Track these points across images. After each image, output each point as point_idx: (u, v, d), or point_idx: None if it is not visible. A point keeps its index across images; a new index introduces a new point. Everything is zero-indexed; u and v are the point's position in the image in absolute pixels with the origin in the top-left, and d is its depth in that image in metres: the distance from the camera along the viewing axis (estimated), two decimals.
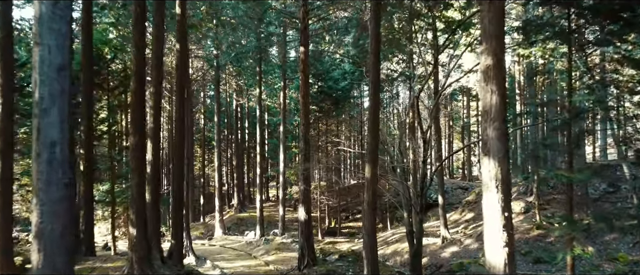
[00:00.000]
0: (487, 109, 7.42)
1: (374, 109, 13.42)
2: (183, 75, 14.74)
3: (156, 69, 11.59)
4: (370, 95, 13.46)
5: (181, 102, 14.80)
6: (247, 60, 31.10)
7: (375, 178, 13.45)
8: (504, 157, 7.35)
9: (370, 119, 13.48)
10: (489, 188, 7.33)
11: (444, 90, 17.95)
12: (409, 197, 18.07)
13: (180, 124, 14.80)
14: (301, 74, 18.50)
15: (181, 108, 14.81)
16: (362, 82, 30.33)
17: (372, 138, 13.42)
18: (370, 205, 13.35)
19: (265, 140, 43.88)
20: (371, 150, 13.38)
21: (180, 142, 14.78)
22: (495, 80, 7.34)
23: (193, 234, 31.12)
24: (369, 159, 13.39)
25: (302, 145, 18.47)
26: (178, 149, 14.71)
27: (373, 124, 13.43)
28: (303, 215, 18.50)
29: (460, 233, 25.10)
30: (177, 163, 14.76)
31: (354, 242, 29.96)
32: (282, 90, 26.50)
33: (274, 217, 36.72)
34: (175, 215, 14.95)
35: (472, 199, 30.21)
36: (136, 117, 10.74)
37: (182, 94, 14.84)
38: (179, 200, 14.88)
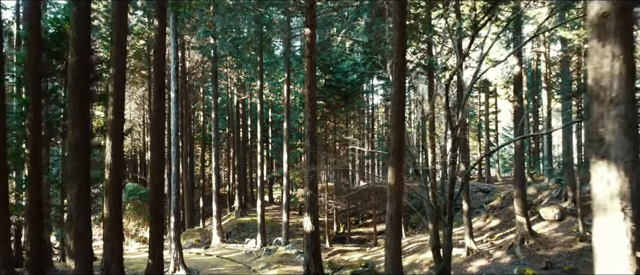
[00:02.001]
0: (602, 85, 4.61)
1: (399, 98, 10.62)
2: (161, 60, 12.01)
3: (118, 47, 8.87)
4: (394, 81, 10.65)
5: (160, 92, 12.07)
6: (248, 52, 28.36)
7: (401, 184, 10.66)
8: (634, 162, 4.56)
9: (394, 110, 10.67)
10: (608, 210, 4.57)
11: (479, 78, 15.05)
12: (435, 205, 15.29)
13: (159, 117, 12.06)
14: (307, 59, 15.73)
15: (160, 99, 12.08)
16: (373, 76, 27.49)
17: (397, 134, 10.63)
18: (394, 220, 10.56)
19: (268, 138, 41.15)
20: (395, 150, 10.59)
21: (158, 140, 12.06)
22: (618, 38, 4.58)
23: (189, 241, 28.45)
24: (393, 160, 10.59)
25: (307, 144, 15.70)
26: (156, 148, 12.00)
27: (397, 117, 10.63)
28: (309, 226, 15.73)
29: (486, 243, 22.23)
30: (156, 164, 12.05)
31: (366, 250, 27.16)
32: (285, 83, 23.73)
33: (277, 221, 34.00)
34: (155, 229, 12.19)
35: (497, 204, 27.29)
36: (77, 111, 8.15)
37: (161, 81, 12.11)
38: (157, 208, 12.13)
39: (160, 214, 12.26)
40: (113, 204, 8.58)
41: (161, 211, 12.29)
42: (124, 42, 9.05)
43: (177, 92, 19.64)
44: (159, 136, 12.14)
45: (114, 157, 8.62)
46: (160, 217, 12.28)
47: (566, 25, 19.20)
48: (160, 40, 11.81)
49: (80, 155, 7.59)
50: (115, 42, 8.76)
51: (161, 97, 12.20)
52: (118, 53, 8.78)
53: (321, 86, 27.80)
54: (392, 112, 10.79)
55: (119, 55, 8.78)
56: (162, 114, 12.20)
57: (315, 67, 16.52)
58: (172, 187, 19.59)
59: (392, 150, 10.72)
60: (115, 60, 8.75)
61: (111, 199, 8.57)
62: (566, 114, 23.16)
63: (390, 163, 10.72)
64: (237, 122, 38.94)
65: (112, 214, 8.56)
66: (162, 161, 12.18)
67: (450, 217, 13.99)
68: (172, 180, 19.65)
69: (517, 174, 19.92)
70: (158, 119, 12.08)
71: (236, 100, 39.10)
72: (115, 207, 8.58)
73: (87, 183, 7.61)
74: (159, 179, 12.14)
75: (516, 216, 20.12)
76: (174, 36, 19.55)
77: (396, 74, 10.63)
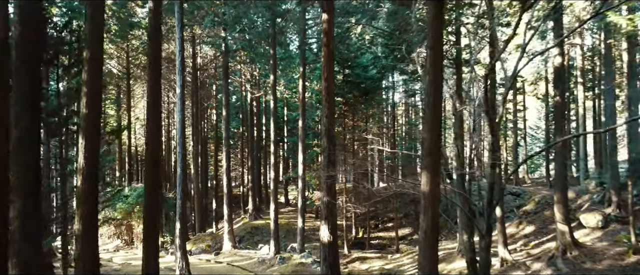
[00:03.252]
0: None
1: (435, 90, 8.79)
2: (156, 44, 10.38)
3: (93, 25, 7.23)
4: (429, 68, 8.83)
5: (155, 81, 10.44)
6: (261, 46, 26.76)
7: (437, 192, 8.85)
8: None
9: (429, 104, 8.85)
10: None
11: (521, 69, 13.05)
12: (471, 214, 13.41)
13: (153, 113, 10.44)
14: (324, 48, 13.98)
15: (155, 89, 10.45)
16: (395, 70, 25.57)
17: (432, 133, 8.82)
18: (430, 235, 8.76)
19: (283, 138, 39.52)
20: (431, 151, 8.79)
21: (152, 139, 10.44)
22: None
23: (199, 246, 26.98)
24: (428, 163, 8.79)
25: (324, 144, 13.95)
26: (151, 148, 10.39)
27: (433, 113, 8.81)
28: (327, 235, 13.98)
29: (521, 252, 20.19)
30: (150, 166, 10.46)
31: (387, 258, 25.31)
32: (301, 78, 22.02)
33: (293, 225, 32.33)
34: (149, 238, 10.58)
35: (531, 208, 25.14)
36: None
37: (156, 69, 10.48)
38: (151, 214, 10.52)
39: (154, 221, 10.67)
40: (87, 218, 6.96)
41: (156, 218, 10.69)
42: (101, 19, 7.46)
43: (183, 87, 18.08)
44: (154, 134, 10.54)
45: (88, 160, 7.02)
46: (154, 225, 10.69)
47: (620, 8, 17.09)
48: (156, 23, 10.18)
49: (26, 150, 5.91)
50: (89, 18, 7.18)
51: (156, 89, 10.59)
52: (93, 32, 7.18)
53: (339, 82, 26.03)
54: (427, 106, 8.97)
55: (94, 34, 7.19)
56: (156, 109, 10.58)
57: (334, 57, 14.77)
58: (178, 191, 18.03)
59: (426, 152, 8.92)
60: (90, 42, 7.16)
61: (84, 212, 6.96)
62: (610, 110, 20.95)
63: (424, 166, 8.91)
64: (251, 120, 37.38)
65: (86, 231, 6.95)
66: (157, 162, 10.57)
67: (488, 227, 12.05)
68: (178, 183, 18.11)
69: (559, 176, 17.85)
70: (152, 114, 10.48)
71: (250, 98, 37.54)
72: (89, 221, 6.98)
73: (37, 190, 5.93)
74: (153, 181, 10.55)
75: (557, 224, 18.05)
76: (179, 26, 18.01)
77: (431, 60, 8.81)
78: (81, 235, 6.98)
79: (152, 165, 10.53)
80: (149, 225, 10.57)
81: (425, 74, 8.87)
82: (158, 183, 10.84)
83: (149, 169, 10.64)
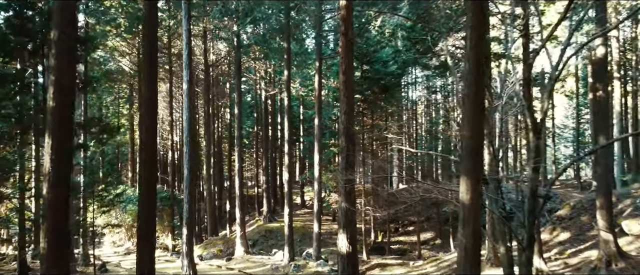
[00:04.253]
0: None
1: (476, 78, 7.29)
2: (152, 32, 9.07)
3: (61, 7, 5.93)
4: (469, 53, 7.34)
5: (151, 73, 9.14)
6: (275, 41, 25.42)
7: (478, 201, 7.37)
8: None
9: (469, 95, 7.36)
10: None
11: (568, 59, 11.38)
12: (507, 222, 11.85)
13: (150, 107, 9.15)
14: (342, 38, 12.54)
15: (151, 83, 9.16)
16: (417, 65, 23.97)
17: (473, 130, 7.33)
18: (471, 252, 7.28)
19: (299, 137, 38.19)
20: (471, 152, 7.31)
21: (149, 137, 9.16)
22: None
23: (211, 251, 25.78)
24: (467, 167, 7.31)
25: (343, 143, 12.52)
26: (148, 146, 9.12)
27: (473, 106, 7.32)
28: (345, 245, 12.54)
29: (558, 262, 18.45)
30: (147, 167, 9.20)
31: (409, 265, 23.73)
32: (316, 74, 20.63)
33: (308, 227, 30.96)
34: (144, 246, 9.30)
35: (565, 213, 23.27)
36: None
37: (152, 60, 9.19)
38: (147, 220, 9.24)
39: (151, 228, 9.39)
40: (54, 234, 5.67)
41: (152, 219, 9.41)
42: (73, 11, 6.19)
43: (190, 82, 16.85)
44: (150, 132, 9.25)
45: (55, 163, 5.74)
46: (150, 233, 9.41)
47: None
48: (149, 10, 8.88)
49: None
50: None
51: (152, 83, 9.30)
52: (61, 12, 5.89)
53: (357, 78, 24.54)
54: (465, 98, 7.46)
55: (63, 16, 5.90)
56: (153, 105, 9.28)
57: (353, 47, 13.33)
58: (185, 194, 16.80)
59: (466, 153, 7.43)
60: (57, 22, 5.89)
61: (51, 226, 5.68)
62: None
63: (463, 171, 7.42)
64: (266, 119, 36.10)
65: (53, 250, 5.66)
66: (154, 161, 9.34)
67: (530, 239, 10.46)
68: (185, 185, 16.88)
69: (603, 179, 16.07)
70: (148, 110, 9.20)
71: (264, 96, 36.27)
72: (57, 237, 5.69)
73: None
74: (149, 181, 9.28)
75: (600, 232, 16.30)
76: (186, 17, 16.78)
77: (472, 43, 7.30)
78: (47, 254, 5.70)
79: (149, 164, 9.27)
80: (144, 226, 9.31)
81: (466, 58, 7.37)
82: (155, 183, 9.57)
83: (144, 168, 9.39)
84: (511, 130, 34.55)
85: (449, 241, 26.70)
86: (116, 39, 29.84)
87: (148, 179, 9.24)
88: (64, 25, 5.92)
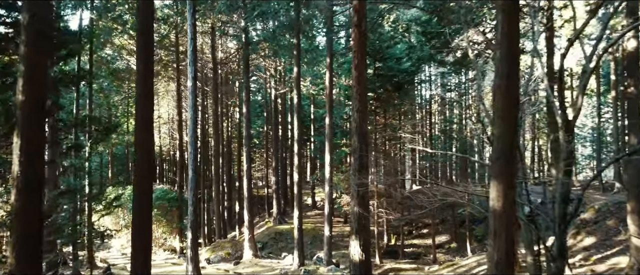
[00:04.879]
0: None
1: (509, 68, 6.39)
2: (147, 20, 8.27)
3: None
4: (501, 37, 6.43)
5: (146, 67, 8.35)
6: (285, 38, 24.59)
7: (512, 210, 6.44)
8: None
9: (502, 87, 6.44)
10: None
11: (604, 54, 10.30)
12: (536, 231, 10.87)
13: (145, 103, 8.36)
14: (354, 29, 11.67)
15: (146, 78, 8.36)
16: (432, 61, 22.95)
17: (506, 127, 6.42)
18: (504, 268, 6.34)
19: (310, 137, 37.40)
20: (503, 152, 6.40)
21: (144, 135, 8.37)
22: None
23: (218, 254, 25.04)
24: (499, 169, 6.41)
25: (355, 143, 11.63)
26: (142, 145, 8.34)
27: (507, 98, 6.41)
28: (358, 253, 11.65)
29: (584, 269, 17.37)
30: (141, 169, 8.43)
31: (424, 270, 22.76)
32: (327, 70, 19.78)
33: (319, 230, 30.12)
34: (139, 252, 8.50)
35: (590, 217, 22.10)
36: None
37: (147, 52, 8.40)
38: (142, 223, 8.46)
39: (145, 237, 8.60)
40: (24, 246, 4.88)
41: (146, 233, 8.61)
42: None
43: (195, 79, 16.09)
44: (145, 130, 8.46)
45: (25, 165, 4.97)
46: (145, 241, 8.62)
47: None
48: None
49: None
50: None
51: (147, 77, 8.51)
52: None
53: (369, 76, 23.60)
54: (497, 90, 6.53)
55: None
56: (148, 101, 8.50)
57: (366, 41, 12.44)
58: (190, 196, 16.05)
59: (497, 154, 6.50)
60: (27, 5, 5.12)
61: (20, 237, 4.87)
62: None
63: (494, 175, 6.50)
64: (276, 118, 35.31)
65: (22, 264, 4.87)
66: (150, 161, 8.55)
67: (561, 247, 9.51)
68: (190, 187, 16.12)
69: (634, 181, 15.00)
70: (142, 107, 8.41)
71: (274, 95, 35.48)
72: (27, 250, 4.90)
73: None
74: (143, 181, 8.50)
75: (631, 238, 15.21)
76: (191, 11, 16.02)
77: (504, 28, 6.38)
78: (14, 270, 4.91)
79: (143, 165, 8.49)
80: (138, 234, 8.54)
81: (498, 45, 6.45)
82: (150, 186, 8.76)
83: (138, 169, 8.62)
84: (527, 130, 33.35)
85: (466, 245, 25.64)
86: (123, 37, 29.28)
87: (142, 182, 8.46)
88: (35, 8, 5.15)
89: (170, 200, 27.81)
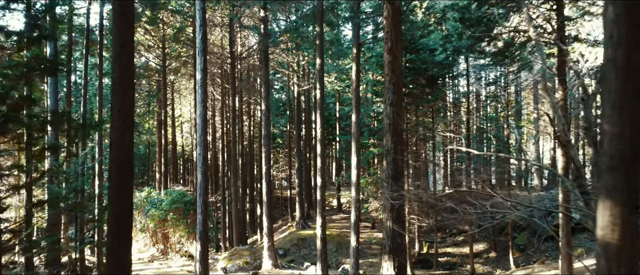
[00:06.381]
0: None
1: (627, 29, 4.26)
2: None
3: None
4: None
5: (124, 55, 6.56)
6: (307, 31, 22.71)
7: (633, 242, 4.35)
8: None
9: (615, 63, 4.31)
10: None
11: None
12: None
13: (123, 98, 6.58)
14: (387, 6, 9.62)
15: (125, 68, 6.58)
16: (473, 51, 20.54)
17: (623, 123, 4.31)
18: None
19: (336, 136, 35.42)
20: (618, 162, 4.27)
21: (123, 129, 6.60)
22: None
23: (236, 263, 23.29)
24: (611, 183, 4.28)
25: (388, 143, 9.59)
26: (121, 144, 6.58)
27: (623, 78, 4.29)
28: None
29: None
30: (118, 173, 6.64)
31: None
32: (354, 62, 17.76)
33: (345, 236, 28.12)
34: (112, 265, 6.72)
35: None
36: None
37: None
38: (119, 233, 6.65)
39: (123, 253, 6.82)
40: None
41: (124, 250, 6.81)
42: None
43: (205, 71, 14.29)
44: (123, 131, 6.66)
45: None
46: (124, 250, 6.85)
47: None
48: None
49: None
50: None
51: (127, 67, 6.72)
52: None
53: None
54: (610, 67, 4.44)
55: None
56: (127, 96, 6.71)
57: (401, 17, 10.37)
58: (199, 203, 14.26)
59: (609, 161, 4.40)
60: None
61: None
62: None
63: (604, 190, 4.41)
64: (298, 117, 33.44)
65: None
66: (129, 164, 6.73)
67: None
68: (199, 193, 14.35)
69: None
70: (121, 102, 6.63)
71: (296, 92, 33.61)
72: None
73: None
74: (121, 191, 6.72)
75: None
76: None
77: None
78: None
79: (121, 164, 6.71)
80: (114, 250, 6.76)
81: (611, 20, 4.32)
82: (130, 190, 7.04)
83: (115, 169, 6.81)
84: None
85: (507, 255, 23.20)
86: (139, 31, 27.91)
87: (119, 184, 6.70)
88: None
89: (186, 204, 26.24)
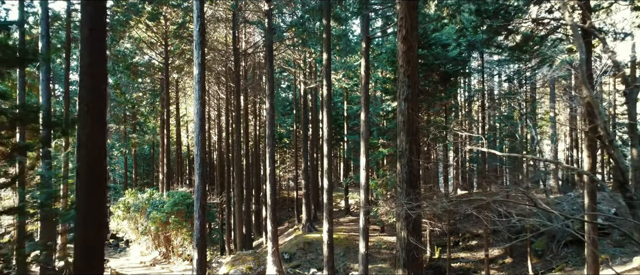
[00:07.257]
0: None
1: None
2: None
3: None
4: None
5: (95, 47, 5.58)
6: (314, 27, 21.66)
7: None
8: None
9: None
10: None
11: None
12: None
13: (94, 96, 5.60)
14: None
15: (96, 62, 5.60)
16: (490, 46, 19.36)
17: None
18: None
19: (343, 136, 34.34)
20: None
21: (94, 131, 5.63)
22: None
23: (239, 268, 22.26)
24: None
25: (403, 144, 8.51)
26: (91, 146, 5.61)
27: None
28: None
29: None
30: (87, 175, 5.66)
31: None
32: (362, 57, 16.67)
33: (354, 240, 27.03)
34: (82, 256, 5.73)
35: None
36: None
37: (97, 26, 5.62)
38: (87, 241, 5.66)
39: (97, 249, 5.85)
40: None
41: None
42: None
43: (202, 66, 13.28)
44: (94, 132, 5.67)
45: None
46: (97, 253, 5.87)
47: None
48: None
49: None
50: None
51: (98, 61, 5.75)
52: None
53: None
54: None
55: None
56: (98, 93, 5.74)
57: (417, 1, 9.28)
58: (196, 208, 13.26)
59: None
60: None
61: None
62: None
63: None
64: (305, 116, 32.39)
65: None
66: (100, 167, 5.71)
67: None
68: (196, 197, 13.33)
69: None
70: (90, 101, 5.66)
71: (302, 90, 32.56)
72: None
73: None
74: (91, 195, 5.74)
75: None
76: None
77: None
78: None
79: (91, 165, 5.72)
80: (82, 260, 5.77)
81: None
82: (103, 195, 6.04)
83: (84, 170, 5.82)
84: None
85: (524, 261, 21.99)
86: (140, 27, 27.05)
87: (89, 188, 5.71)
88: None
89: (189, 206, 25.30)
